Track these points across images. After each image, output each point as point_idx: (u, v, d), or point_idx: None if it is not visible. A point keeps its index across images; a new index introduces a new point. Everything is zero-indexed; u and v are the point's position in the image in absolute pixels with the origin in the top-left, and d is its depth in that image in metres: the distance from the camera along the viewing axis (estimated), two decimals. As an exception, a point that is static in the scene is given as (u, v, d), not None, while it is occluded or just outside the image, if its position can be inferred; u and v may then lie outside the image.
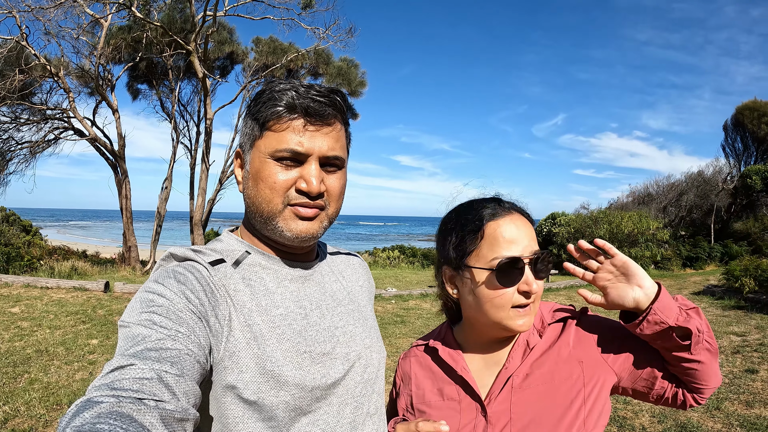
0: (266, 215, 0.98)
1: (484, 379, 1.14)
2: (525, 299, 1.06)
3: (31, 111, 16.57)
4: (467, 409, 1.11)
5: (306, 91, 0.96)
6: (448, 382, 1.17)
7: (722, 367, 6.11)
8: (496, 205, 1.13)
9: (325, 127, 0.97)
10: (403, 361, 1.32)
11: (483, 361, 1.17)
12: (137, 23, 16.35)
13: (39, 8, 13.16)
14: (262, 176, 0.97)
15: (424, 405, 1.18)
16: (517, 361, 1.10)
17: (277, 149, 0.95)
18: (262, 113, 0.97)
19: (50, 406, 4.71)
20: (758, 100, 29.93)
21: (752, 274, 11.12)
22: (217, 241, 1.06)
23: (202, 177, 17.60)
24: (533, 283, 1.05)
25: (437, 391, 1.18)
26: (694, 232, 23.81)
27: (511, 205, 1.14)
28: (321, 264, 1.13)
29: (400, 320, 9.21)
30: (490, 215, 1.10)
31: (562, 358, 1.08)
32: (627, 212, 19.36)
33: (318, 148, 0.96)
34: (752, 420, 4.43)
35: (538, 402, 1.04)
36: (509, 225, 1.08)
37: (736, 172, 28.15)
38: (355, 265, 1.25)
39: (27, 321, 8.03)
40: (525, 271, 1.05)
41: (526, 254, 1.06)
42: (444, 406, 1.15)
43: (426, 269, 21.33)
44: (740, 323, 8.69)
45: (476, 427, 1.08)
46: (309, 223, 0.99)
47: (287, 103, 0.95)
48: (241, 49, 20.98)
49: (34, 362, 6.02)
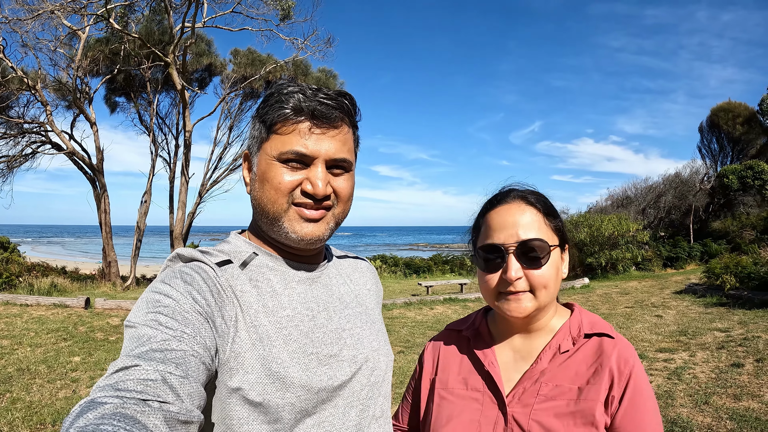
0: (272, 216, 0.97)
1: (511, 373, 1.13)
2: (507, 286, 1.07)
3: (8, 124, 16.30)
4: (489, 404, 1.10)
5: (314, 94, 0.96)
6: (475, 373, 1.16)
7: (708, 362, 6.20)
8: (500, 197, 1.15)
9: (332, 129, 0.97)
10: (431, 344, 1.31)
11: (512, 353, 1.15)
12: (115, 35, 16.21)
13: (17, 20, 13.03)
14: (268, 177, 0.96)
15: (446, 392, 1.17)
16: (545, 363, 1.09)
17: (283, 151, 0.95)
18: (269, 115, 0.96)
19: (34, 425, 4.59)
20: (732, 101, 30.72)
21: (733, 271, 11.34)
22: (225, 242, 1.06)
23: (182, 190, 17.43)
24: (511, 270, 1.05)
25: (462, 379, 1.17)
26: (674, 233, 24.19)
27: (518, 193, 1.14)
28: (329, 266, 1.12)
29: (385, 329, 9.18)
30: (488, 207, 1.15)
31: (592, 374, 1.04)
32: (606, 215, 19.54)
33: (324, 151, 0.96)
34: (741, 412, 4.49)
35: (557, 420, 1.02)
36: (499, 214, 1.11)
37: (712, 172, 28.74)
38: (363, 269, 1.24)
39: (7, 339, 7.84)
40: (507, 258, 1.06)
41: (509, 242, 1.06)
42: (467, 396, 1.13)
43: (408, 278, 21.34)
44: (723, 319, 8.83)
45: (496, 425, 1.06)
46: (314, 225, 0.98)
47: (294, 105, 0.95)
48: (219, 61, 20.91)
49: (16, 381, 5.87)
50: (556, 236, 1.11)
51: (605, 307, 11.11)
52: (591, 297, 12.77)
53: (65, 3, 12.91)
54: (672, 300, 11.64)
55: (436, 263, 24.30)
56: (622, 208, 25.27)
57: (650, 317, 9.63)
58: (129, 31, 14.99)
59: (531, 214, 1.09)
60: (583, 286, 14.93)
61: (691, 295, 12.01)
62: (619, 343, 1.07)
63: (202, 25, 15.63)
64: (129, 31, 14.99)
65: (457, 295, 13.32)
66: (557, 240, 1.11)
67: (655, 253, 19.92)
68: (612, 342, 1.07)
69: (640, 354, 6.79)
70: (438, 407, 1.16)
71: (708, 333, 7.87)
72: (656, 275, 17.76)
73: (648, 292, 13.19)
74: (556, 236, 1.11)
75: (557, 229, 1.12)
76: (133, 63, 17.53)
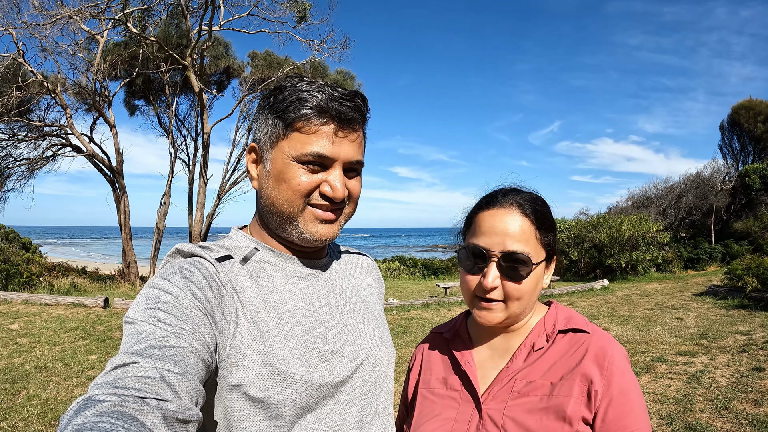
0: (287, 216, 0.97)
1: (488, 371, 1.14)
2: (483, 292, 1.07)
3: (29, 128, 16.61)
4: (465, 402, 1.10)
5: (338, 95, 0.94)
6: (454, 373, 1.17)
7: (728, 366, 6.07)
8: (497, 197, 1.12)
9: (352, 133, 0.97)
10: (418, 347, 1.33)
11: (489, 352, 1.16)
12: (133, 39, 16.43)
13: (35, 25, 13.24)
14: (285, 178, 0.95)
15: (427, 392, 1.19)
16: (520, 362, 1.09)
17: (304, 153, 0.93)
18: (290, 113, 0.94)
19: (48, 422, 4.67)
20: (753, 99, 30.16)
21: (755, 273, 11.10)
22: (226, 238, 1.05)
23: (201, 191, 17.60)
24: (488, 277, 1.04)
25: (442, 379, 1.18)
26: (695, 234, 23.82)
27: (515, 199, 1.10)
28: (330, 262, 1.12)
29: (402, 330, 9.17)
30: (482, 205, 1.13)
31: (566, 370, 1.04)
32: (626, 216, 19.38)
33: (344, 155, 0.96)
34: (762, 418, 4.39)
35: (530, 416, 1.01)
36: (491, 216, 1.09)
37: (734, 171, 28.25)
38: (365, 265, 1.24)
39: (26, 337, 7.98)
40: (488, 265, 1.05)
41: (494, 249, 1.05)
42: (446, 395, 1.15)
43: (427, 279, 21.31)
44: (744, 322, 8.66)
45: (470, 423, 1.07)
46: (329, 226, 0.99)
47: (318, 105, 0.93)
48: (237, 64, 21.10)
49: (33, 378, 5.97)
50: (544, 251, 1.10)
51: (624, 309, 10.96)
52: (610, 299, 12.61)
53: (83, 8, 13.11)
54: (692, 302, 11.45)
55: (454, 264, 24.16)
56: (642, 208, 24.99)
57: (670, 320, 9.48)
58: (147, 35, 15.17)
59: (523, 225, 1.07)
60: (603, 288, 14.74)
61: (712, 297, 11.80)
62: (593, 336, 1.06)
63: (219, 28, 15.76)
64: (147, 35, 15.17)
65: (473, 297, 13.17)
66: (544, 254, 1.10)
67: (676, 254, 19.64)
68: (587, 337, 1.07)
69: (659, 357, 6.68)
70: (420, 406, 1.17)
71: (729, 336, 7.71)
72: (677, 277, 17.50)
73: (668, 294, 13.00)
74: (544, 251, 1.10)
75: (547, 243, 1.10)
76: (151, 66, 17.76)
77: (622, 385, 0.99)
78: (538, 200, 1.12)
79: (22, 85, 14.54)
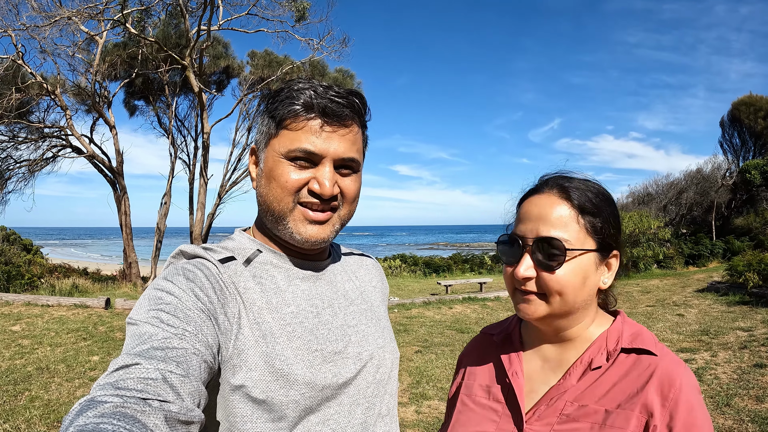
0: (277, 214, 0.97)
1: (536, 385, 1.02)
2: (519, 284, 0.97)
3: (29, 129, 16.59)
4: (506, 418, 1.01)
5: (324, 91, 0.94)
6: (498, 382, 1.07)
7: (730, 362, 6.07)
8: (539, 184, 1.03)
9: (342, 128, 0.96)
10: (465, 348, 1.24)
11: (541, 363, 1.04)
12: (132, 40, 16.41)
13: (34, 26, 13.20)
14: (275, 175, 0.95)
15: (468, 398, 1.10)
16: (574, 380, 0.97)
17: (291, 149, 0.93)
18: (279, 111, 0.95)
19: (51, 423, 4.67)
20: (753, 95, 30.09)
21: (756, 269, 11.09)
22: (229, 239, 1.05)
23: (201, 191, 17.58)
24: (521, 266, 0.95)
25: (486, 387, 1.08)
26: (696, 230, 23.80)
27: (556, 182, 1.00)
28: (333, 263, 1.11)
29: (403, 329, 9.17)
30: (526, 195, 1.04)
31: (625, 397, 0.90)
32: (627, 212, 19.34)
33: (333, 150, 0.94)
34: (763, 414, 4.39)
35: None
36: (530, 204, 0.99)
37: (734, 167, 28.20)
38: (369, 266, 1.23)
39: (28, 339, 7.98)
40: (522, 253, 0.96)
41: (528, 236, 0.96)
42: (487, 405, 1.05)
43: (428, 277, 21.30)
44: (746, 318, 8.66)
45: None
46: (319, 227, 0.97)
47: (305, 102, 0.93)
48: (236, 63, 21.06)
49: (35, 380, 5.97)
50: (590, 238, 0.95)
51: (626, 306, 10.96)
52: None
53: (82, 9, 13.08)
54: (694, 298, 11.44)
55: (455, 262, 24.16)
56: (643, 205, 24.97)
57: (672, 316, 9.48)
58: (146, 35, 15.14)
59: (561, 209, 0.95)
60: (603, 285, 14.71)
61: (713, 294, 11.80)
62: (662, 361, 0.91)
63: (218, 27, 15.73)
64: (146, 35, 15.14)
65: (476, 294, 13.22)
66: (592, 243, 0.95)
67: (677, 250, 19.63)
68: (654, 360, 0.92)
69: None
70: (458, 413, 1.09)
71: (730, 332, 7.71)
72: (678, 273, 17.49)
73: (669, 291, 12.99)
74: (590, 238, 0.95)
75: (595, 229, 0.95)
76: (150, 67, 17.73)
77: (687, 421, 0.84)
78: (588, 185, 0.99)
79: (21, 86, 14.51)
